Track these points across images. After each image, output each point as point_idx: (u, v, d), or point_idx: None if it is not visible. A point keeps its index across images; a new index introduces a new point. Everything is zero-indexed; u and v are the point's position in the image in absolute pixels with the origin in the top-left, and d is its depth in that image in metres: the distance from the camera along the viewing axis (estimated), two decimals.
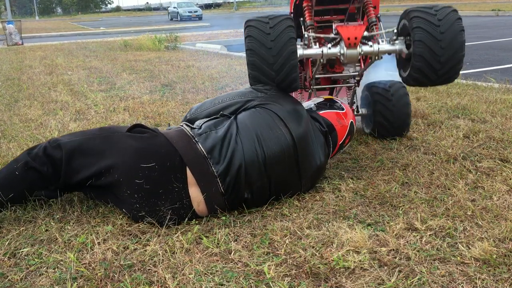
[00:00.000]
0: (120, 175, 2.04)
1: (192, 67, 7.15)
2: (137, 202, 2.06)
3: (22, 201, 2.20)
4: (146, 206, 2.07)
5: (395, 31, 2.59)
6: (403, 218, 2.12)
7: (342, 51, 2.52)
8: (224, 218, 2.17)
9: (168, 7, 38.09)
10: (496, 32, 12.20)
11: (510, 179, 2.55)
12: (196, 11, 31.73)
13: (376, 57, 2.61)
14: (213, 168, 2.11)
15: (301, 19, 2.93)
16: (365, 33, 2.54)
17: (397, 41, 2.57)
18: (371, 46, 2.54)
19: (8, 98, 5.04)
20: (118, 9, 74.76)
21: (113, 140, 2.12)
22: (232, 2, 50.72)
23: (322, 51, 2.55)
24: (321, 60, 2.61)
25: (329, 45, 2.55)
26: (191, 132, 2.23)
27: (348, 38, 2.47)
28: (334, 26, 2.60)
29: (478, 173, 2.62)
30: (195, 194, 2.11)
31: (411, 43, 2.39)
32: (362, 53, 2.53)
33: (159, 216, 2.08)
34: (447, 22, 2.32)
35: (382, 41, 2.61)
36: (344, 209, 2.26)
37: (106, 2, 74.36)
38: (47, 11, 60.34)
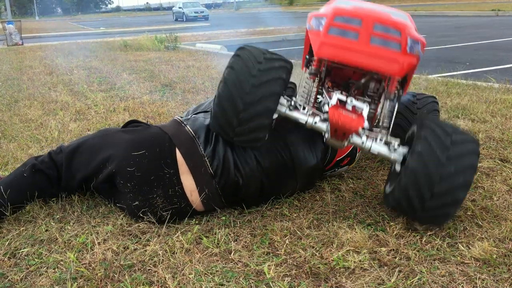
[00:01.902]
0: (114, 166, 2.11)
1: (192, 67, 7.15)
2: (131, 192, 2.10)
3: (27, 204, 2.24)
4: (139, 195, 2.09)
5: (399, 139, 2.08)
6: (403, 218, 2.12)
7: (327, 135, 2.07)
8: (224, 218, 2.17)
9: (173, 7, 37.58)
10: (496, 32, 12.20)
11: (510, 179, 2.55)
12: (202, 12, 31.11)
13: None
14: (201, 148, 2.17)
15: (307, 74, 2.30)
16: (365, 123, 2.03)
17: (400, 148, 2.05)
18: (362, 142, 2.06)
19: (8, 98, 5.04)
20: (118, 9, 74.80)
21: (108, 137, 2.24)
22: (232, 2, 50.72)
23: (306, 121, 2.09)
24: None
25: (317, 118, 2.09)
26: (180, 119, 2.36)
27: (335, 131, 2.01)
28: (330, 103, 2.10)
29: (478, 173, 2.62)
30: (187, 182, 2.13)
31: (409, 154, 1.93)
32: (350, 143, 2.08)
33: (153, 205, 2.10)
34: (461, 150, 1.86)
35: (383, 138, 2.09)
36: (344, 209, 2.26)
37: (106, 2, 74.38)
38: (47, 11, 60.33)
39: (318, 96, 2.36)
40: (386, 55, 1.94)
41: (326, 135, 2.08)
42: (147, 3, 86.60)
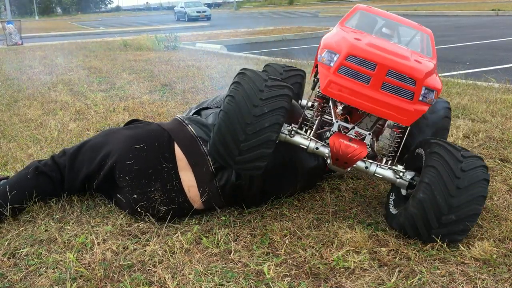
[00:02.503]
0: (114, 160, 2.13)
1: (192, 67, 7.14)
2: (129, 185, 2.11)
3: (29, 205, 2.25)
4: (138, 188, 2.10)
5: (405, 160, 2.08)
6: None
7: (329, 161, 2.05)
8: (224, 218, 2.17)
9: (174, 6, 37.39)
10: (496, 32, 12.20)
11: (510, 179, 2.54)
12: (204, 11, 30.75)
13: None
14: (203, 147, 2.18)
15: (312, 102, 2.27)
16: (369, 149, 2.01)
17: (405, 174, 2.06)
18: (366, 167, 2.05)
19: (8, 98, 5.04)
20: (118, 9, 74.77)
21: (109, 135, 2.28)
22: (232, 2, 50.70)
23: (308, 146, 2.07)
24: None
25: (320, 144, 2.06)
26: (181, 118, 2.38)
27: (337, 159, 1.99)
28: (331, 131, 2.07)
29: None
30: (186, 177, 2.14)
31: (418, 183, 1.92)
32: (353, 168, 2.05)
33: (151, 199, 2.10)
34: (471, 179, 1.82)
35: (388, 162, 2.10)
36: (344, 209, 2.25)
37: (106, 2, 74.38)
38: (47, 11, 60.25)
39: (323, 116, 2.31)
40: (396, 104, 1.87)
41: (328, 161, 2.05)
42: (147, 3, 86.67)
